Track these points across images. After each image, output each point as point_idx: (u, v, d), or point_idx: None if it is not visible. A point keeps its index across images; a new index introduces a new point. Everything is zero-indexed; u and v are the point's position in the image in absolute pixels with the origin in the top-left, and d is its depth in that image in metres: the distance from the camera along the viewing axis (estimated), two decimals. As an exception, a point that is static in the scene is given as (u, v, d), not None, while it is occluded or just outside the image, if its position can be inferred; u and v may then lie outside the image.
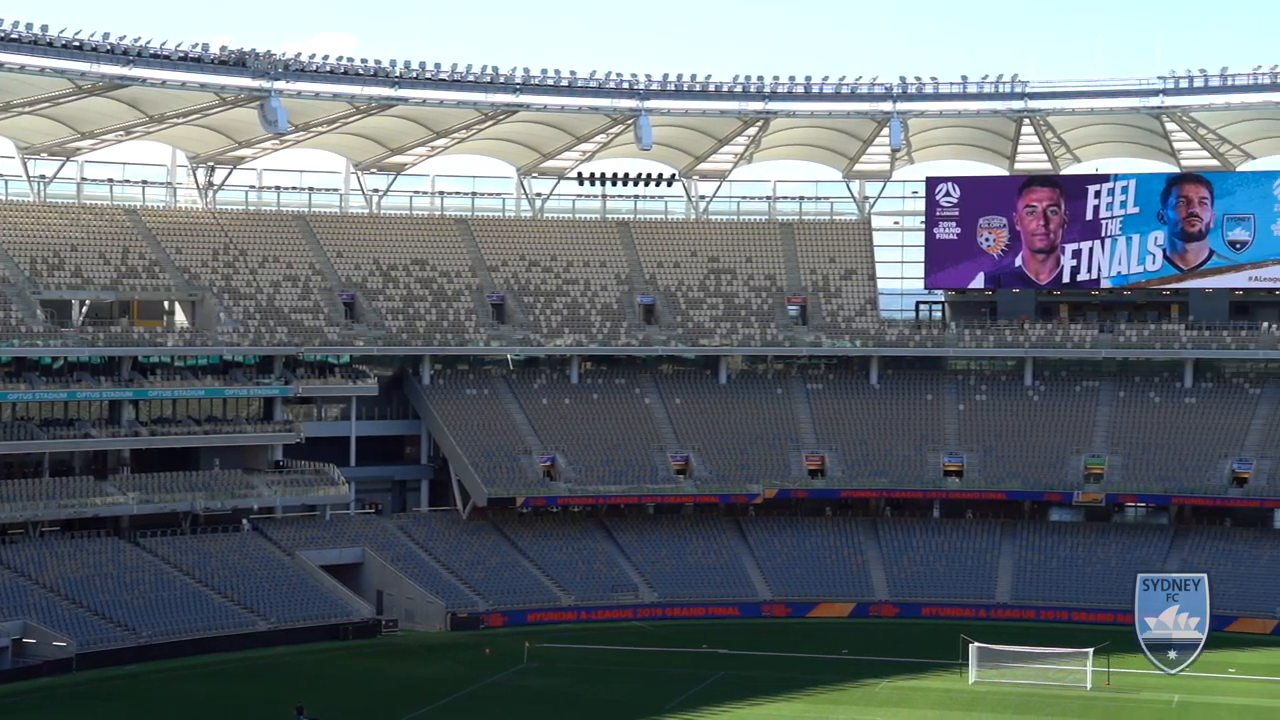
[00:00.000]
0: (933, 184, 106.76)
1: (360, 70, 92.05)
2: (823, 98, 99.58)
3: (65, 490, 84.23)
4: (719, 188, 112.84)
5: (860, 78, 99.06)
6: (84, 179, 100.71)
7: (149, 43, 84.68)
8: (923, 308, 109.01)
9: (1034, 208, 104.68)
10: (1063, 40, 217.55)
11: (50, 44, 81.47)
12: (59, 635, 73.69)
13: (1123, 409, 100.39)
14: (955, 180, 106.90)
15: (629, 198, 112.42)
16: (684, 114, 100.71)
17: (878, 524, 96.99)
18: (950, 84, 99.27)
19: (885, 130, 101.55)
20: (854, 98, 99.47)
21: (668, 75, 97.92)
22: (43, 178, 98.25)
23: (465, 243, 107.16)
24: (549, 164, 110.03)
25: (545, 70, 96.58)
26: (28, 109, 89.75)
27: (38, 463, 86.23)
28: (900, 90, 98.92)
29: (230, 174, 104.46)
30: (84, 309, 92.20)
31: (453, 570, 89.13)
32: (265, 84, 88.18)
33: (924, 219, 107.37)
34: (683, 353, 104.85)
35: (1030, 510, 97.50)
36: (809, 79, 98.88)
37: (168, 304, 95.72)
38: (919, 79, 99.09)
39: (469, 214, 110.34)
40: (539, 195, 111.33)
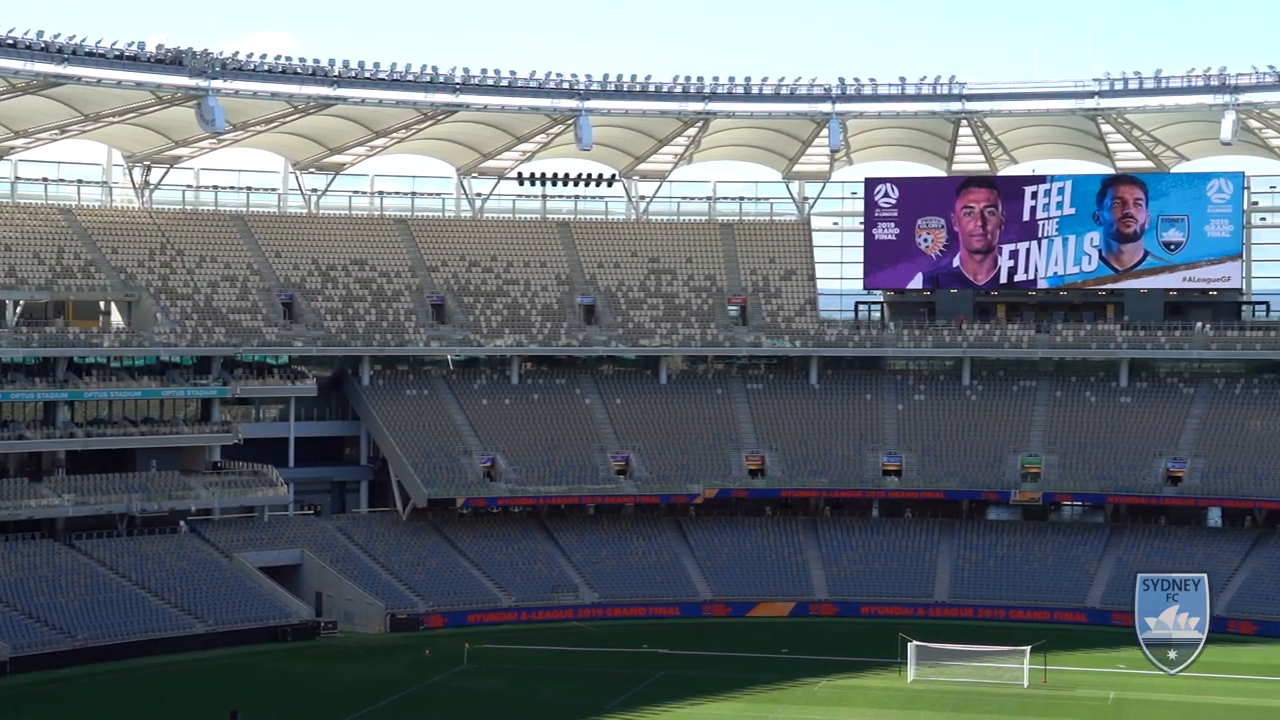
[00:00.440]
0: (871, 185, 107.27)
1: (298, 69, 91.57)
2: (762, 98, 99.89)
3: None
4: (659, 188, 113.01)
5: (799, 79, 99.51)
6: (18, 178, 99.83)
7: (84, 41, 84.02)
8: (862, 308, 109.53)
9: (971, 208, 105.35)
10: (1000, 42, 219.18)
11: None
12: (-7, 639, 72.97)
13: (1059, 408, 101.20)
14: (894, 181, 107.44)
15: (569, 198, 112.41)
16: (624, 114, 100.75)
17: (817, 523, 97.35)
18: (889, 85, 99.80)
19: (824, 131, 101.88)
20: (793, 99, 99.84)
21: (608, 76, 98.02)
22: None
23: (405, 243, 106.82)
24: (489, 164, 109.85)
25: (485, 70, 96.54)
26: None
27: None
28: (839, 91, 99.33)
29: (167, 173, 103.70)
30: (18, 309, 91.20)
31: (392, 571, 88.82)
32: (202, 83, 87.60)
33: (863, 220, 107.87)
34: (623, 353, 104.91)
35: (968, 509, 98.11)
36: (748, 80, 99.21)
37: (103, 304, 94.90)
38: (858, 80, 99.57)
39: (409, 214, 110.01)
40: (479, 195, 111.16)
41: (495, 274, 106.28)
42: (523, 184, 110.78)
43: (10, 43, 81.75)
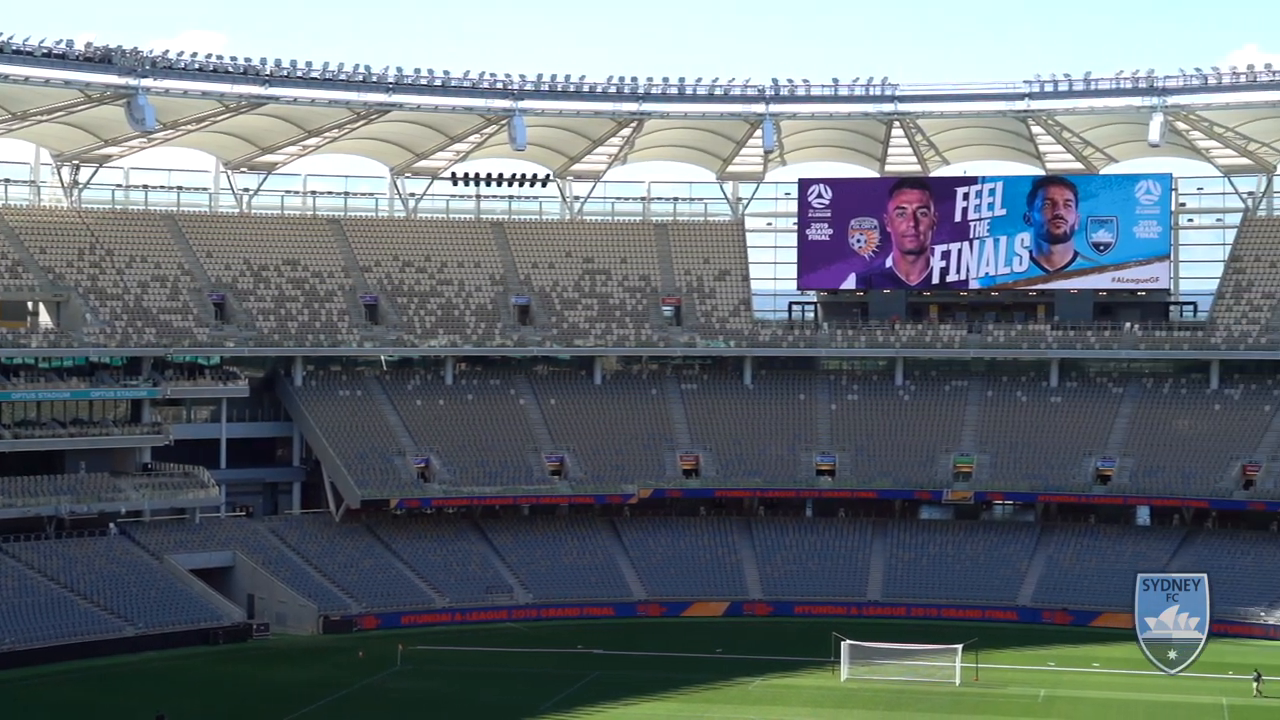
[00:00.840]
0: (805, 185, 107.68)
1: (230, 68, 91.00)
2: (696, 99, 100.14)
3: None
4: (593, 188, 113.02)
5: (733, 80, 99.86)
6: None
7: (11, 39, 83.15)
8: (795, 308, 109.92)
9: (904, 209, 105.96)
10: (933, 45, 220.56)
11: (-92, 39, 79.77)
12: (-81, 643, 72.10)
13: (991, 408, 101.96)
14: (827, 182, 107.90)
15: (503, 198, 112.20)
16: (558, 114, 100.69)
17: (751, 523, 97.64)
18: (822, 86, 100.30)
19: (758, 132, 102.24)
20: (727, 99, 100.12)
21: (542, 76, 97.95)
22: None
23: (338, 243, 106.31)
24: (422, 164, 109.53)
25: (418, 70, 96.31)
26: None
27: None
28: (773, 92, 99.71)
29: (96, 172, 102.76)
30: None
31: (325, 573, 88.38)
32: (132, 81, 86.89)
33: (796, 220, 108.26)
34: (557, 353, 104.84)
35: (901, 509, 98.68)
36: (682, 80, 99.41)
37: (31, 304, 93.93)
38: (791, 81, 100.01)
39: (341, 214, 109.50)
40: (412, 195, 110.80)
41: (429, 274, 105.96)
42: (456, 184, 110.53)
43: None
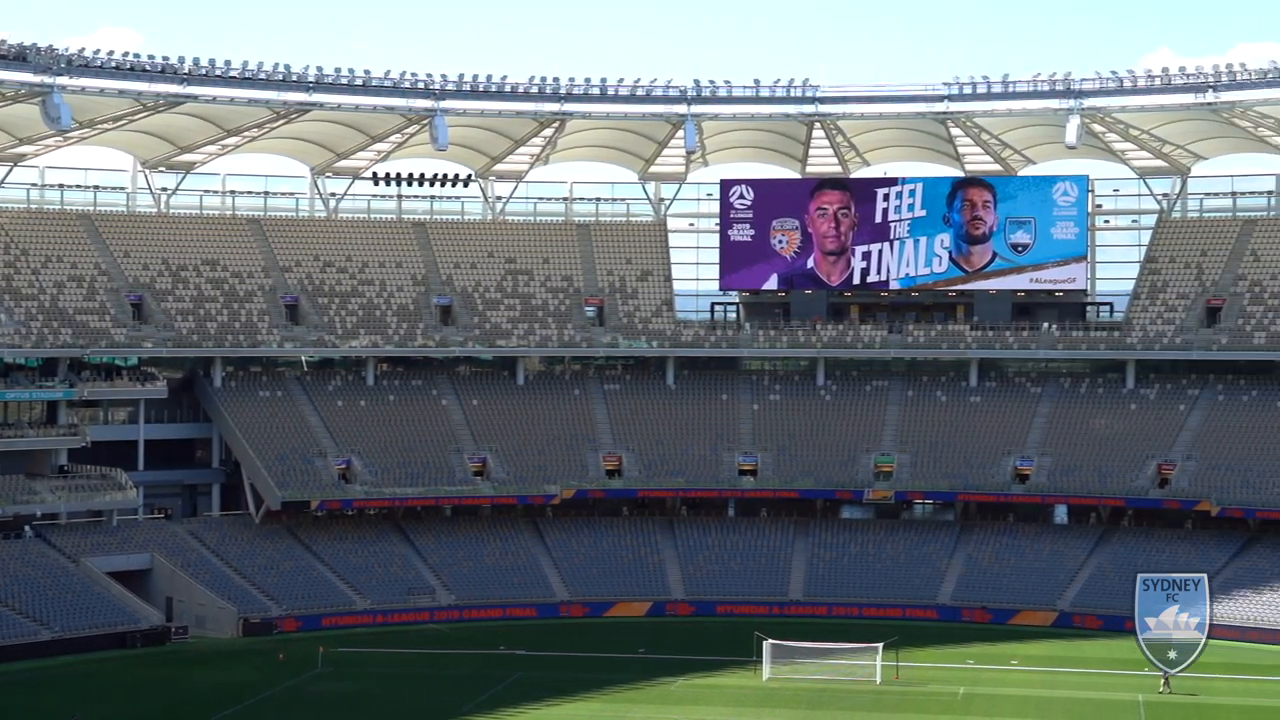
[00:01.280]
0: (727, 186, 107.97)
1: (147, 66, 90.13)
2: (618, 99, 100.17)
3: None
4: (516, 188, 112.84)
5: (655, 80, 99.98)
6: None
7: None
8: (717, 309, 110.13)
9: (825, 210, 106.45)
10: (854, 46, 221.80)
11: None
12: None
13: (911, 408, 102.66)
14: (749, 183, 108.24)
15: (425, 198, 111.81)
16: (480, 114, 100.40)
17: (674, 523, 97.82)
18: (743, 88, 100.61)
19: (680, 133, 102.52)
20: (649, 100, 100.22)
21: (463, 75, 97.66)
22: None
23: (258, 243, 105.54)
24: (343, 164, 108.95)
25: (339, 69, 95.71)
26: None
27: None
28: (694, 93, 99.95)
29: (10, 171, 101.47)
30: None
31: (245, 575, 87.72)
32: (47, 79, 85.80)
33: (718, 221, 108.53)
34: (480, 354, 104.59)
35: (822, 508, 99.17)
36: (604, 81, 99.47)
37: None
38: (713, 82, 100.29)
39: (261, 214, 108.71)
40: (333, 195, 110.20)
41: (350, 274, 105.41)
42: (378, 184, 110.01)
43: None
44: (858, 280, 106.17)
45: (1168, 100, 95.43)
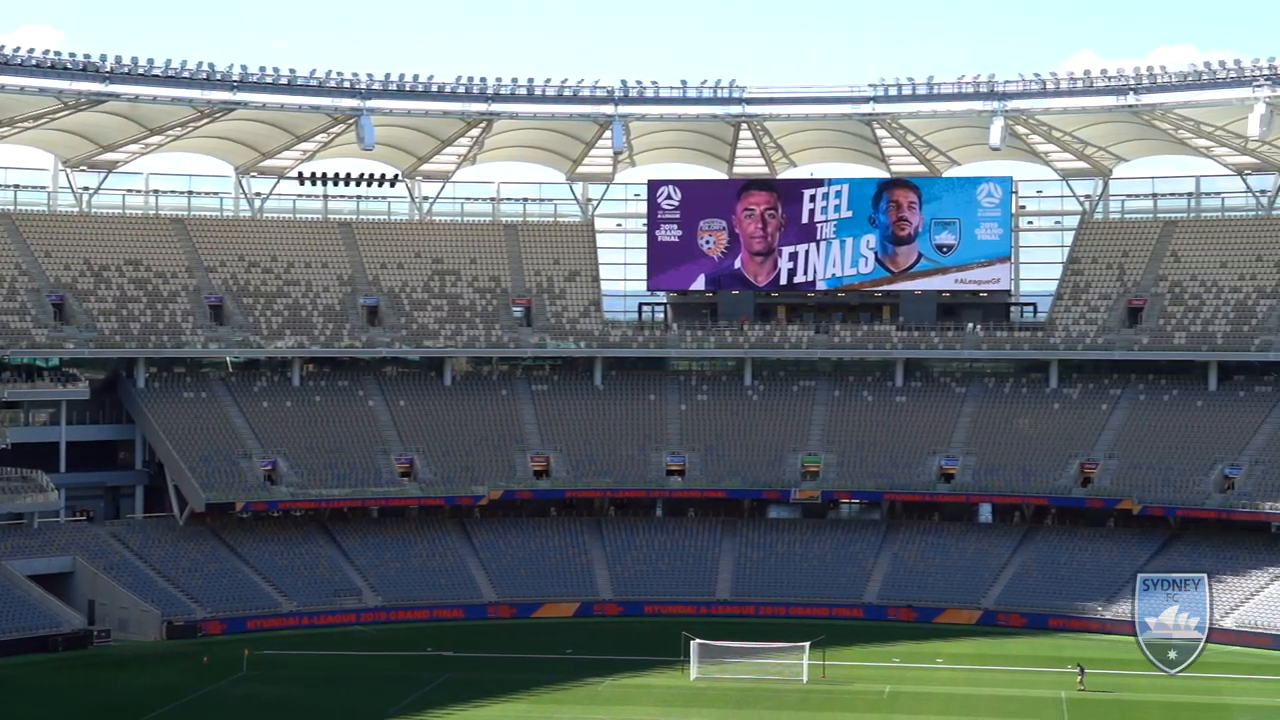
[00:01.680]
0: (654, 187, 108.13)
1: (69, 64, 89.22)
2: (545, 100, 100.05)
3: None
4: (442, 189, 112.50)
5: (582, 81, 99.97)
6: None
7: None
8: (645, 309, 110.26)
9: (752, 211, 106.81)
10: (780, 48, 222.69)
11: None
12: None
13: (838, 408, 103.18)
14: (676, 183, 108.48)
15: (351, 198, 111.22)
16: (406, 114, 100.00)
17: (602, 524, 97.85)
18: (670, 89, 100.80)
19: (607, 133, 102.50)
20: (576, 100, 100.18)
21: (389, 75, 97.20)
22: None
23: (181, 243, 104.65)
24: (268, 163, 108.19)
25: (264, 68, 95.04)
26: None
27: None
28: (621, 94, 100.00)
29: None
30: None
31: (169, 578, 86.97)
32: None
33: (646, 221, 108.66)
34: (407, 354, 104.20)
35: (750, 508, 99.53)
36: (531, 81, 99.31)
37: None
38: (640, 83, 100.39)
39: (185, 213, 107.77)
40: (258, 195, 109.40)
41: (275, 274, 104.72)
42: (303, 184, 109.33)
43: None
44: (785, 281, 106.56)
45: (1090, 103, 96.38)
